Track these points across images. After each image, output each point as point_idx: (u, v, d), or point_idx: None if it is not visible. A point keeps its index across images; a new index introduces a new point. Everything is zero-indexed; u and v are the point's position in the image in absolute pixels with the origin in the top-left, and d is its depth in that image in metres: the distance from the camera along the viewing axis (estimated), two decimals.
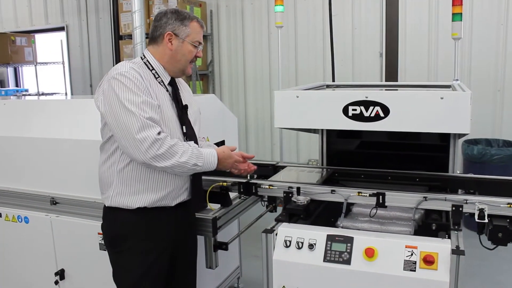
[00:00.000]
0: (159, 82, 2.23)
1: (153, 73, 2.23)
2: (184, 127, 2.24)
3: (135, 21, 4.76)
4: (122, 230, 2.25)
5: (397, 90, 2.69)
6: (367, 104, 2.14)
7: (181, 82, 2.46)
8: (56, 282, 3.10)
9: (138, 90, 2.08)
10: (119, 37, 6.80)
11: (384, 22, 4.44)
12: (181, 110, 2.26)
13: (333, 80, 3.97)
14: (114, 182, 2.22)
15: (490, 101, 5.44)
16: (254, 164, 3.07)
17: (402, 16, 5.39)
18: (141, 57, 2.28)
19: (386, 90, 2.56)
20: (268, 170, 2.88)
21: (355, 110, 2.16)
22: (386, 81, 4.02)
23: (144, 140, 2.01)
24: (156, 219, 2.24)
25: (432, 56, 5.60)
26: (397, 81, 4.00)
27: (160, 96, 2.20)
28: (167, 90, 2.25)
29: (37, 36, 8.01)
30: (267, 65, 6.54)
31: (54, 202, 3.07)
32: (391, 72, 4.14)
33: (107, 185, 2.26)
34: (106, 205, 2.28)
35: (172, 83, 2.30)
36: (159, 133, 2.05)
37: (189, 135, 2.27)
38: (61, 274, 3.10)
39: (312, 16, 6.18)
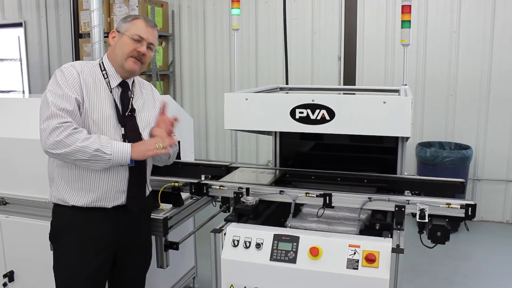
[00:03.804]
0: (106, 83, 2.25)
1: (103, 74, 2.26)
2: (123, 129, 2.22)
3: (94, 20, 4.70)
4: (60, 226, 2.30)
5: (345, 94, 2.76)
6: (313, 107, 2.19)
7: (144, 87, 2.45)
8: (5, 284, 3.04)
9: (65, 84, 2.13)
10: (79, 35, 6.69)
11: (343, 27, 4.53)
12: (124, 113, 2.25)
13: (287, 83, 4.03)
14: (55, 178, 2.27)
15: (443, 105, 5.64)
16: (208, 165, 3.12)
17: (360, 21, 5.53)
18: (102, 58, 2.34)
19: (334, 93, 2.63)
20: (221, 171, 2.91)
21: (302, 113, 2.21)
22: (344, 84, 4.10)
23: (45, 129, 2.06)
24: (92, 219, 2.24)
25: (389, 61, 5.77)
26: (354, 84, 4.08)
27: (102, 96, 2.21)
28: (111, 92, 2.24)
29: None
30: (227, 66, 6.57)
31: (3, 202, 3.02)
32: (349, 75, 4.22)
33: (50, 180, 2.31)
34: (48, 201, 2.35)
35: (124, 85, 2.30)
36: (65, 123, 2.05)
37: (131, 138, 2.22)
38: (10, 276, 3.04)
39: (272, 19, 6.24)
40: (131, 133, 2.21)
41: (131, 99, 2.31)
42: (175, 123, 2.34)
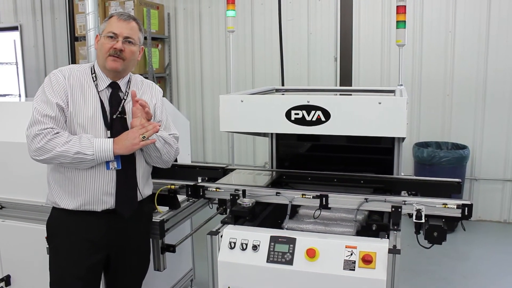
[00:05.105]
0: (95, 86, 2.25)
1: (92, 77, 2.27)
2: (109, 131, 2.21)
3: (89, 23, 4.70)
4: (53, 227, 2.34)
5: (341, 95, 2.76)
6: (309, 108, 2.19)
7: (143, 86, 2.41)
8: None
9: (50, 90, 2.17)
10: (74, 38, 6.68)
11: (338, 27, 4.53)
12: (112, 115, 2.23)
13: (283, 84, 4.03)
14: (50, 181, 2.31)
15: (439, 105, 5.64)
16: (205, 167, 3.11)
17: (356, 22, 5.53)
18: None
19: (329, 94, 2.62)
20: (217, 173, 2.91)
21: (298, 114, 2.20)
22: (340, 85, 4.10)
23: (28, 136, 2.12)
24: (84, 222, 2.24)
25: (385, 61, 5.77)
26: (351, 85, 4.09)
27: (88, 99, 2.22)
28: (99, 94, 2.24)
29: None
30: (223, 68, 6.57)
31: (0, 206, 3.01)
32: (345, 76, 4.23)
33: (48, 183, 2.33)
34: (45, 204, 2.40)
35: (114, 86, 2.29)
36: (45, 129, 2.09)
37: None
38: (6, 280, 3.03)
39: (268, 20, 6.24)
40: (118, 136, 2.19)
41: (123, 100, 2.29)
42: (146, 107, 2.19)
